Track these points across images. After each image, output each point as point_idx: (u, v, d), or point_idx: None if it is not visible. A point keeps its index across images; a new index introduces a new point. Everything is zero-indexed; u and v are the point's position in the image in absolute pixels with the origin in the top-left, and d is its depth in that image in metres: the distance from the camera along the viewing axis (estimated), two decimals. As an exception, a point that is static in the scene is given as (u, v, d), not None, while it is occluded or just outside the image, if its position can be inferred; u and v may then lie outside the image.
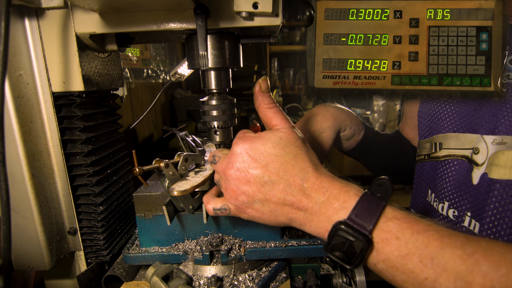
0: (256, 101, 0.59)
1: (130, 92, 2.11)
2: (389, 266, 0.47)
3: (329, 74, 0.74)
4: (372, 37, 0.71)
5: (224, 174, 0.56)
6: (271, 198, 0.53)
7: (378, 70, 0.72)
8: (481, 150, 0.70)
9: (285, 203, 0.52)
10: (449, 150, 0.78)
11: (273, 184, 0.52)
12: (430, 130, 0.86)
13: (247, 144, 0.54)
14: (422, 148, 0.89)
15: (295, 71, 4.04)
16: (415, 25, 0.70)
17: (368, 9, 0.71)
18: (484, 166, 0.69)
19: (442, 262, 0.43)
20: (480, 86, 0.69)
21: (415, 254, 0.45)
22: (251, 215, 0.56)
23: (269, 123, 0.59)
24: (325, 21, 0.73)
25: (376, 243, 0.47)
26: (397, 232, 0.47)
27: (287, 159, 0.53)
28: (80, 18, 0.64)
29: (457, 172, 0.76)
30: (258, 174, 0.53)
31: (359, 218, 0.48)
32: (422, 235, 0.46)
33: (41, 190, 0.67)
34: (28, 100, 0.64)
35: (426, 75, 0.71)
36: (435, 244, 0.44)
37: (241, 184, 0.54)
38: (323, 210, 0.51)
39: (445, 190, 0.78)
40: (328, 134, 0.86)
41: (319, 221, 0.51)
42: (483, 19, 0.68)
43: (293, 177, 0.52)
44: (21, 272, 0.85)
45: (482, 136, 0.70)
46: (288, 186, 0.52)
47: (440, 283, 0.43)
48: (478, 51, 0.69)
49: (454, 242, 0.44)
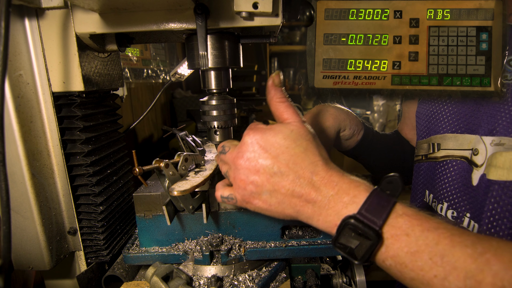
0: (269, 94, 0.59)
1: (130, 92, 2.11)
2: (397, 262, 0.46)
3: (329, 74, 0.74)
4: (372, 37, 0.71)
5: (234, 163, 0.56)
6: (280, 189, 0.52)
7: (378, 70, 0.72)
8: (480, 151, 0.70)
9: (293, 195, 0.52)
10: (448, 151, 0.78)
11: (282, 175, 0.52)
12: (428, 130, 0.86)
13: (259, 134, 0.54)
14: (420, 148, 0.89)
15: (295, 71, 4.04)
16: (415, 25, 0.70)
17: (368, 9, 0.71)
18: (483, 167, 0.69)
19: (452, 260, 0.43)
20: (480, 86, 0.69)
21: (425, 252, 0.44)
22: (257, 206, 0.55)
23: (280, 117, 0.59)
24: (325, 21, 0.73)
25: (386, 239, 0.47)
26: (407, 228, 0.46)
27: (298, 152, 0.53)
28: (80, 18, 0.64)
29: (456, 173, 0.76)
30: (268, 164, 0.52)
31: (369, 213, 0.47)
32: (433, 232, 0.45)
33: (41, 190, 0.67)
34: (28, 100, 0.64)
35: (426, 75, 0.71)
36: (446, 242, 0.44)
37: (250, 173, 0.54)
38: (332, 204, 0.50)
39: (444, 191, 0.78)
40: (328, 134, 0.86)
41: (327, 215, 0.51)
42: (483, 19, 0.68)
43: (303, 170, 0.52)
44: (21, 272, 0.85)
45: (481, 137, 0.70)
46: (298, 178, 0.52)
47: (450, 281, 0.42)
48: (478, 51, 0.69)
49: (464, 240, 0.44)
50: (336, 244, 0.51)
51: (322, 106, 0.91)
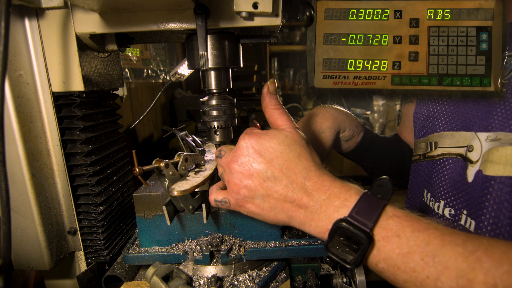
0: (264, 101, 0.61)
1: (130, 92, 2.11)
2: (390, 265, 0.47)
3: (329, 74, 0.74)
4: (372, 37, 0.71)
5: (228, 167, 0.56)
6: (273, 194, 0.53)
7: (378, 70, 0.72)
8: (475, 148, 0.70)
9: (286, 200, 0.52)
10: (444, 149, 0.79)
11: (275, 180, 0.52)
12: (425, 129, 0.86)
13: (254, 139, 0.55)
14: (418, 148, 0.89)
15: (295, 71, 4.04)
16: (415, 25, 0.70)
17: (368, 9, 0.71)
18: (479, 163, 0.69)
19: (444, 260, 0.43)
20: (480, 86, 0.69)
21: (416, 252, 0.44)
22: (250, 210, 0.56)
23: (274, 123, 0.60)
24: (325, 21, 0.73)
25: (377, 241, 0.47)
26: (398, 230, 0.46)
27: (291, 157, 0.53)
28: (80, 18, 0.64)
29: (452, 171, 0.76)
30: (262, 168, 0.53)
31: (360, 216, 0.48)
32: (423, 233, 0.45)
33: (41, 190, 0.67)
34: (28, 100, 0.64)
35: (426, 75, 0.71)
36: (436, 242, 0.44)
37: (244, 177, 0.54)
38: (323, 208, 0.51)
39: (441, 189, 0.79)
40: (327, 135, 0.86)
41: (319, 220, 0.51)
42: (483, 19, 0.68)
43: (296, 175, 0.52)
44: (21, 272, 0.85)
45: (476, 134, 0.70)
46: (291, 183, 0.52)
47: (442, 281, 0.42)
48: (478, 51, 0.69)
49: (455, 240, 0.44)
50: (328, 249, 0.51)
51: (322, 107, 0.92)
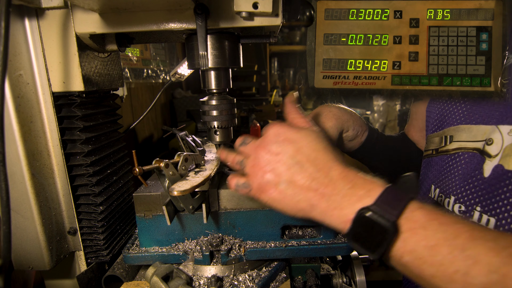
0: (286, 109, 0.66)
1: (130, 92, 2.11)
2: (415, 257, 0.45)
3: (329, 74, 0.74)
4: (372, 37, 0.71)
5: (256, 152, 0.58)
6: (297, 181, 0.53)
7: (378, 70, 0.72)
8: (495, 141, 0.67)
9: (309, 188, 0.53)
10: (460, 143, 0.75)
11: (302, 167, 0.53)
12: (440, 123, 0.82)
13: (284, 128, 0.58)
14: (431, 142, 0.85)
15: (295, 71, 4.04)
16: (415, 25, 0.70)
17: (368, 9, 0.71)
18: (498, 157, 0.66)
19: (474, 253, 0.41)
20: (480, 86, 0.69)
21: (444, 245, 0.43)
22: (271, 196, 0.56)
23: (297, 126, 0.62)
24: (325, 21, 0.73)
25: (402, 232, 0.46)
26: (424, 222, 0.45)
27: (319, 148, 0.55)
28: (80, 18, 0.64)
29: (466, 165, 0.73)
30: (290, 155, 0.54)
31: (386, 205, 0.47)
32: (451, 226, 0.44)
33: (41, 190, 0.67)
34: (28, 100, 0.64)
35: (426, 75, 0.71)
36: (465, 236, 0.42)
37: (271, 162, 0.55)
38: (347, 198, 0.50)
39: (452, 184, 0.75)
40: (330, 134, 0.85)
41: (342, 208, 0.50)
42: (483, 19, 0.68)
43: (322, 165, 0.54)
44: (21, 272, 0.85)
45: (497, 126, 0.67)
46: (316, 172, 0.53)
47: (472, 276, 0.40)
48: (478, 51, 0.69)
49: (485, 235, 0.42)
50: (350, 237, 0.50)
51: (325, 106, 0.90)
